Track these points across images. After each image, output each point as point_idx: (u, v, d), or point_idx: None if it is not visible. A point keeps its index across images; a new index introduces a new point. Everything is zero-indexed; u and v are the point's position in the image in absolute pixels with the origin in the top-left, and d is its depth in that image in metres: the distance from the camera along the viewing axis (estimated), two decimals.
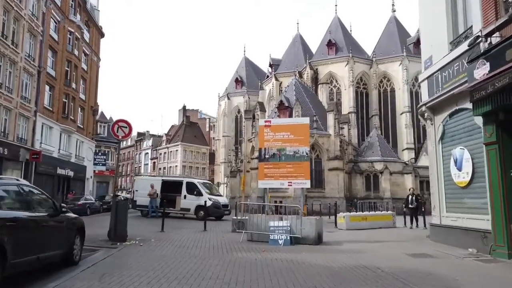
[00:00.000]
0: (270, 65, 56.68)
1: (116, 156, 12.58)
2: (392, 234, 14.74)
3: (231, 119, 61.44)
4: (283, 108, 35.31)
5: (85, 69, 38.07)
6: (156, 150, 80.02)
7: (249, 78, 61.65)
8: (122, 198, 10.57)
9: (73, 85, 34.35)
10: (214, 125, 76.58)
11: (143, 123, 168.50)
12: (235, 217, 14.49)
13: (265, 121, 12.50)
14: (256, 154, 36.42)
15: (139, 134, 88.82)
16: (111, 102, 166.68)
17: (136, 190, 23.43)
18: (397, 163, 38.25)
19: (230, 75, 66.81)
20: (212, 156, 74.35)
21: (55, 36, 31.29)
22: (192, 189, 21.38)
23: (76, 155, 35.98)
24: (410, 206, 17.88)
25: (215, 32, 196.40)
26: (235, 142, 59.70)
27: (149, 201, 21.03)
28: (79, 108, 36.71)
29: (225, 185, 55.25)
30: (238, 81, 61.54)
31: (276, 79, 53.75)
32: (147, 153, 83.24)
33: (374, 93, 48.98)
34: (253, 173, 35.11)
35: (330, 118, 34.67)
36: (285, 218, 11.10)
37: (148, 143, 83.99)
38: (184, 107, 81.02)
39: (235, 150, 55.56)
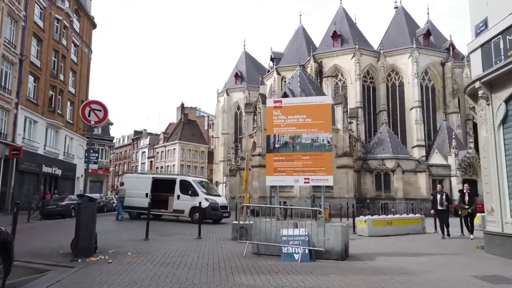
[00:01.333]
0: (272, 59, 53.97)
1: (88, 147, 10.14)
2: (428, 243, 12.08)
3: (231, 115, 58.89)
4: None
5: (75, 61, 35.73)
6: (153, 148, 77.87)
7: (249, 73, 59.02)
8: (88, 199, 7.91)
9: (61, 77, 32.04)
10: (213, 123, 74.14)
11: (140, 121, 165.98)
12: (236, 222, 12.00)
13: (275, 101, 9.71)
14: (257, 150, 33.85)
15: (136, 132, 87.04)
16: (108, 99, 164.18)
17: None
18: (410, 161, 35.63)
19: (229, 71, 64.38)
20: (210, 155, 71.89)
21: (40, 23, 29.02)
22: (187, 188, 18.81)
23: (64, 152, 33.65)
24: (439, 208, 15.26)
25: (214, 29, 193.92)
26: (234, 140, 57.18)
27: (124, 201, 19.23)
28: (68, 102, 34.29)
29: (224, 184, 52.78)
30: (237, 76, 58.93)
31: (278, 73, 51.09)
32: (144, 151, 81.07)
33: (382, 87, 46.29)
34: (255, 171, 32.62)
35: (339, 111, 32.10)
36: (301, 225, 8.53)
37: (145, 141, 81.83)
38: (182, 104, 78.80)
39: (234, 148, 53.06)
